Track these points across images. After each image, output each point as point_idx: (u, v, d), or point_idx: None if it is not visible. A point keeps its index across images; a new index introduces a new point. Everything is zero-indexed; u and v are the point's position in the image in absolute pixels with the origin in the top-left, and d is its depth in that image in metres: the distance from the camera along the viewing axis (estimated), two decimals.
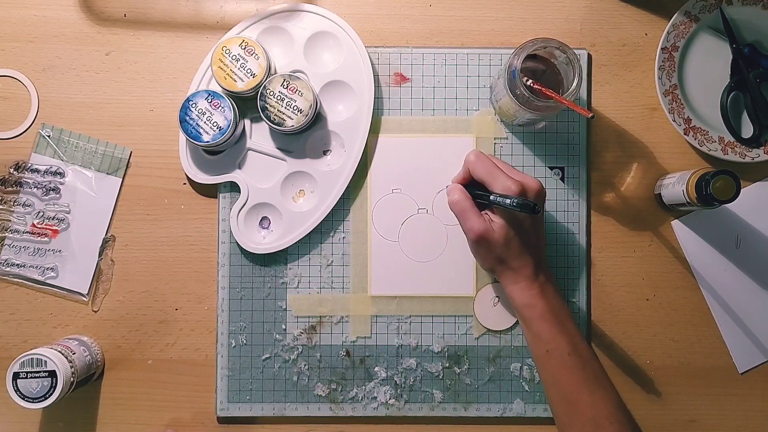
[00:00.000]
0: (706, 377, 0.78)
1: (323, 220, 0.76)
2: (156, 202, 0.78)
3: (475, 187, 0.71)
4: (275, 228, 0.77)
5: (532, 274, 0.69)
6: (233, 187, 0.77)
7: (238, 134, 0.75)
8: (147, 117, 0.78)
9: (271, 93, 0.72)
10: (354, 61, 0.76)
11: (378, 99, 0.78)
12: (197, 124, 0.72)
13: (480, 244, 0.69)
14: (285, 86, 0.72)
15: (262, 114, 0.73)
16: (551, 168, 0.78)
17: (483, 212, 0.70)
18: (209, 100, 0.72)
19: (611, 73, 0.79)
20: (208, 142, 0.72)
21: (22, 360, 0.69)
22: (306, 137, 0.77)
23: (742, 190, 0.69)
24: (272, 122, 0.73)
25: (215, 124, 0.72)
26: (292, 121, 0.73)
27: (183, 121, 0.72)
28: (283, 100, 0.72)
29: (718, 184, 0.68)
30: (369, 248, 0.77)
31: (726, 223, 0.78)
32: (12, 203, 0.77)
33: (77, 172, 0.77)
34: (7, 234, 0.77)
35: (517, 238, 0.68)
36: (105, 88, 0.78)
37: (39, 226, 0.77)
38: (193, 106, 0.72)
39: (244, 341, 0.77)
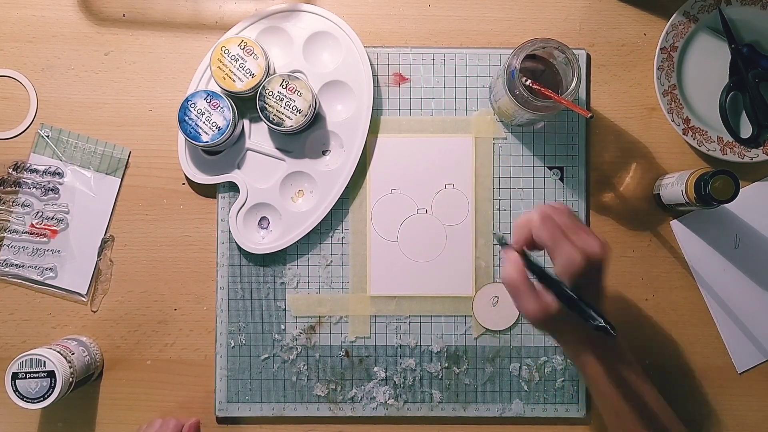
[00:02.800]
0: (705, 377, 0.78)
1: (322, 220, 0.76)
2: (155, 202, 0.78)
3: (532, 260, 0.64)
4: (274, 228, 0.77)
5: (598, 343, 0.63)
6: (232, 187, 0.77)
7: (237, 134, 0.75)
8: (146, 117, 0.78)
9: (270, 93, 0.72)
10: (353, 61, 0.76)
11: (377, 99, 0.78)
12: (196, 124, 0.72)
13: (537, 325, 0.63)
14: (284, 86, 0.72)
15: (261, 114, 0.73)
16: (550, 168, 0.78)
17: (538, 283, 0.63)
18: (208, 101, 0.72)
19: (610, 73, 0.79)
20: (207, 142, 0.72)
21: (21, 360, 0.69)
22: (305, 137, 0.76)
23: (741, 190, 0.69)
24: (271, 122, 0.73)
25: (214, 124, 0.72)
26: (291, 121, 0.73)
27: (182, 121, 0.72)
28: (282, 100, 0.72)
29: (717, 184, 0.68)
30: (368, 248, 0.77)
31: (725, 223, 0.78)
32: (11, 203, 0.77)
33: (76, 172, 0.77)
34: (5, 234, 0.77)
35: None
36: (104, 89, 0.78)
37: (38, 226, 0.77)
38: (192, 106, 0.72)
39: (243, 341, 0.77)
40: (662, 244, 0.78)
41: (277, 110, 0.72)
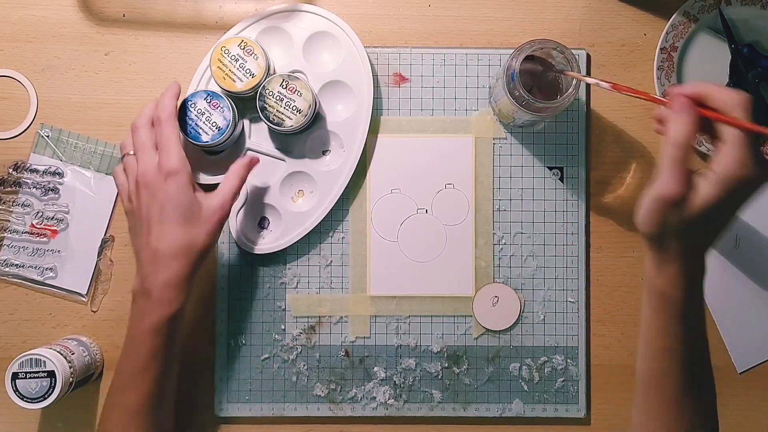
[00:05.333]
0: None
1: (322, 220, 0.76)
2: None
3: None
4: (274, 228, 0.77)
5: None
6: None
7: (237, 134, 0.75)
8: None
9: (270, 93, 0.72)
10: (353, 62, 0.76)
11: (377, 99, 0.78)
12: (196, 124, 0.72)
13: (659, 213, 0.56)
14: (284, 86, 0.72)
15: (261, 114, 0.73)
16: (550, 168, 0.78)
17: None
18: (208, 101, 0.72)
19: (610, 73, 0.79)
20: (207, 142, 0.72)
21: (21, 360, 0.69)
22: (305, 137, 0.77)
23: None
24: (271, 122, 0.73)
25: (214, 124, 0.72)
26: (291, 121, 0.73)
27: (182, 121, 0.72)
28: (282, 100, 0.72)
29: None
30: (368, 248, 0.77)
31: None
32: (11, 203, 0.77)
33: (76, 173, 0.77)
34: (6, 234, 0.77)
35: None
36: (104, 89, 0.78)
37: (38, 226, 0.77)
38: (192, 106, 0.72)
39: (243, 341, 0.77)
40: None
41: (277, 110, 0.72)
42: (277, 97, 0.72)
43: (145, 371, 0.65)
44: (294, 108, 0.73)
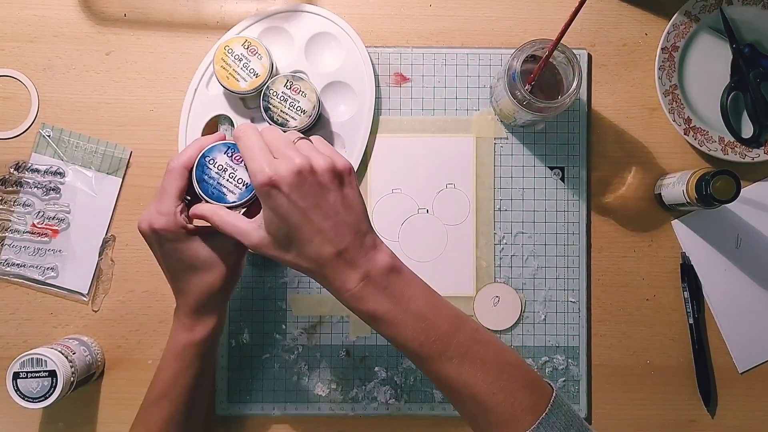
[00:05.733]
0: None
1: None
2: None
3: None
4: None
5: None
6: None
7: None
8: (147, 117, 0.78)
9: (275, 93, 0.72)
10: (354, 62, 0.76)
11: (378, 99, 0.78)
12: (218, 183, 0.61)
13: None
14: (288, 87, 0.72)
15: (264, 114, 0.73)
16: (551, 168, 0.78)
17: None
18: (230, 154, 0.62)
19: (611, 73, 0.79)
20: (234, 202, 0.62)
21: (22, 360, 0.69)
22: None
23: (742, 190, 0.69)
24: (275, 122, 0.73)
25: (240, 180, 0.62)
26: (296, 122, 0.73)
27: (201, 181, 0.61)
28: (286, 100, 0.72)
29: (718, 184, 0.68)
30: None
31: (726, 223, 0.78)
32: (12, 203, 0.77)
33: (77, 172, 0.77)
34: (7, 234, 0.77)
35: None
36: (105, 88, 0.78)
37: (39, 225, 0.77)
38: (211, 162, 0.62)
39: (244, 341, 0.77)
40: (663, 244, 0.78)
41: (281, 111, 0.72)
42: (282, 98, 0.72)
43: (166, 396, 0.65)
44: (298, 108, 0.72)
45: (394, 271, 0.58)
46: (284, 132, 0.60)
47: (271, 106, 0.72)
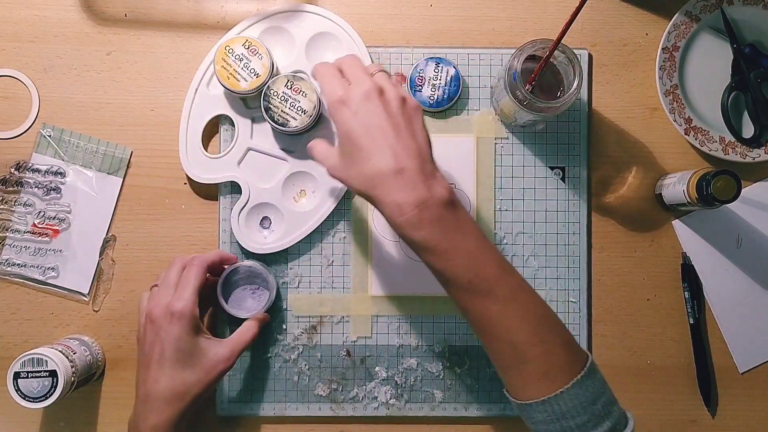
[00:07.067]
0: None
1: (324, 221, 0.76)
2: (157, 202, 0.78)
3: None
4: (276, 228, 0.77)
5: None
6: (234, 187, 0.77)
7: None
8: (148, 117, 0.78)
9: (275, 93, 0.72)
10: None
11: None
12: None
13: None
14: (289, 87, 0.72)
15: (265, 114, 0.73)
16: (552, 168, 0.78)
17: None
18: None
19: (612, 73, 0.79)
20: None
21: (23, 359, 0.69)
22: (308, 137, 0.76)
23: (742, 190, 0.69)
24: (276, 122, 0.73)
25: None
26: (296, 122, 0.73)
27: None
28: (286, 100, 0.72)
29: (718, 184, 0.68)
30: (369, 248, 0.77)
31: (727, 223, 0.78)
32: (13, 203, 0.77)
33: (78, 172, 0.77)
34: (8, 234, 0.77)
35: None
36: (106, 88, 0.78)
37: (40, 225, 0.77)
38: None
39: None
40: (664, 244, 0.78)
41: (282, 111, 0.72)
42: (282, 98, 0.72)
43: None
44: (299, 108, 0.72)
45: (451, 205, 0.58)
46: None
47: (271, 106, 0.72)
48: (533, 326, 0.58)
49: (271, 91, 0.72)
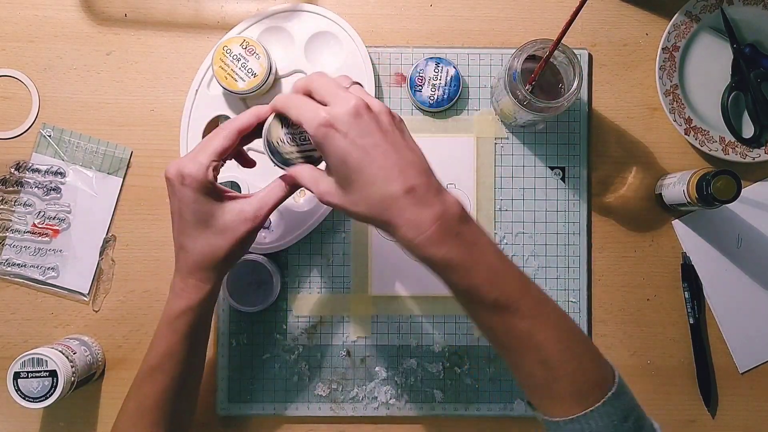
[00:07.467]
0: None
1: (324, 220, 0.76)
2: (157, 201, 0.78)
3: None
4: (276, 228, 0.77)
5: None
6: (234, 188, 0.77)
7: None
8: (148, 117, 0.78)
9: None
10: (355, 62, 0.76)
11: (378, 99, 0.78)
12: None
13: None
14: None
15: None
16: (552, 168, 0.78)
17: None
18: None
19: (612, 73, 0.79)
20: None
21: (22, 359, 0.69)
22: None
23: (742, 190, 0.69)
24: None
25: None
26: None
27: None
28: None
29: (718, 184, 0.68)
30: (369, 248, 0.77)
31: (727, 222, 0.78)
32: (13, 203, 0.77)
33: (78, 172, 0.77)
34: (7, 234, 0.77)
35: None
36: (106, 88, 0.78)
37: (40, 225, 0.77)
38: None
39: (245, 341, 0.77)
40: (664, 244, 0.78)
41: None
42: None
43: (160, 368, 0.63)
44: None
45: (465, 218, 0.55)
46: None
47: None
48: (563, 343, 0.54)
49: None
